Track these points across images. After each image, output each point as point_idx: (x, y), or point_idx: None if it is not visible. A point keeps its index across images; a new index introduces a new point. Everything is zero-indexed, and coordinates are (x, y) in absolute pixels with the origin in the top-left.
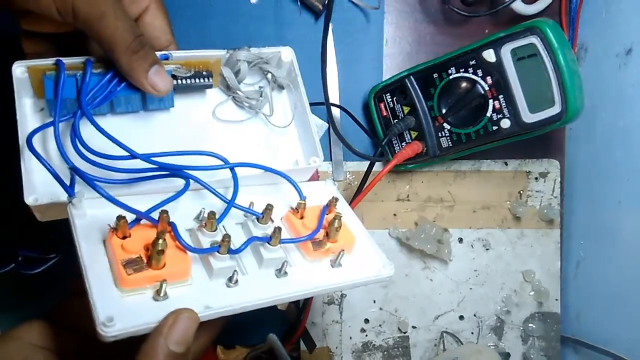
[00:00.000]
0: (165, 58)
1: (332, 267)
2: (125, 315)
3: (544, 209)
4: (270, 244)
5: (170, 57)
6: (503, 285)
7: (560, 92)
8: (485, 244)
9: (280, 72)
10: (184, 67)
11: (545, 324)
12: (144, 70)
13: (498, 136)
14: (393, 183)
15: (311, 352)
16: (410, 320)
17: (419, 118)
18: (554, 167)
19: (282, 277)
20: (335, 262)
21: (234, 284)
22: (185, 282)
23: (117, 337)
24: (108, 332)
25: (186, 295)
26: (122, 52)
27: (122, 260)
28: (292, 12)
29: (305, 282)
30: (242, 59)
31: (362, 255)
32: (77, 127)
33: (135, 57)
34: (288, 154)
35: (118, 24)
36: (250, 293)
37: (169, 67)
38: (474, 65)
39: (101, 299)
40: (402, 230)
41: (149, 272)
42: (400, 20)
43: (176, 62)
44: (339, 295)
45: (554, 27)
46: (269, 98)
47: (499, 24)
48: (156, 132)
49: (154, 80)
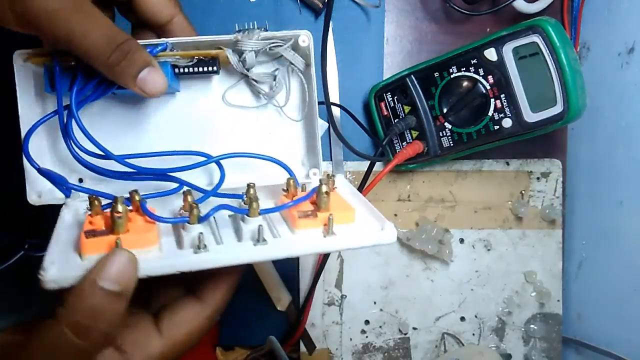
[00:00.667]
0: (163, 49)
1: (324, 237)
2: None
3: (546, 209)
4: (249, 216)
5: (168, 47)
6: (504, 286)
7: (562, 91)
8: (486, 245)
9: (296, 59)
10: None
11: (547, 325)
12: (131, 77)
13: (499, 136)
14: (394, 183)
15: (311, 354)
16: (411, 321)
17: (419, 117)
18: (556, 167)
19: (262, 245)
20: (327, 232)
21: (203, 249)
22: (151, 250)
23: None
24: (46, 276)
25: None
26: (102, 66)
27: (87, 230)
28: (292, 10)
29: (286, 246)
30: (249, 49)
31: (362, 223)
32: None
33: (118, 68)
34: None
35: (91, 39)
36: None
37: (167, 59)
38: (475, 64)
39: (55, 253)
40: (402, 231)
41: (108, 237)
42: (401, 18)
43: (174, 54)
44: (339, 296)
45: (556, 26)
46: (284, 85)
47: (501, 23)
48: (161, 119)
49: (143, 84)
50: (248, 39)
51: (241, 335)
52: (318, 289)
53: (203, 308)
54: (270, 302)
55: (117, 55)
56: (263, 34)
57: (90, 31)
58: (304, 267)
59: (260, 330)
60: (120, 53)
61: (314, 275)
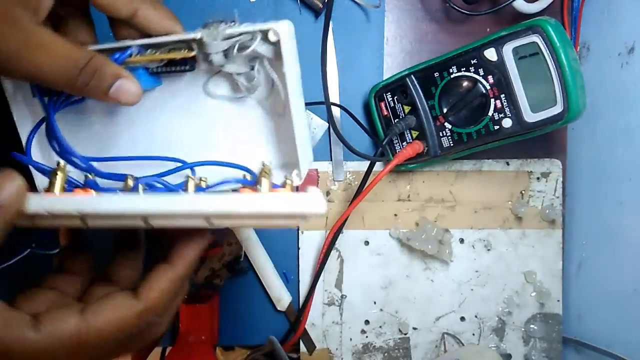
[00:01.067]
0: (129, 54)
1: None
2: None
3: (546, 209)
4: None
5: (134, 53)
6: (504, 286)
7: (562, 91)
8: (486, 245)
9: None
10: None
11: (547, 325)
12: (104, 93)
13: (499, 136)
14: (394, 183)
15: (311, 354)
16: (411, 321)
17: (419, 117)
18: (556, 167)
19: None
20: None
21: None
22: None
23: None
24: None
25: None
26: (72, 90)
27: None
28: (292, 10)
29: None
30: (213, 51)
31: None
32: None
33: (87, 88)
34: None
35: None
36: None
37: (135, 64)
38: (475, 64)
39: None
40: (402, 231)
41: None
42: (401, 18)
43: (140, 59)
44: (339, 296)
45: (556, 26)
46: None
47: (501, 23)
48: (144, 115)
49: (117, 96)
50: (212, 38)
51: (241, 335)
52: (318, 289)
53: (173, 269)
54: (270, 302)
55: (83, 78)
56: (228, 30)
57: (51, 63)
58: (304, 267)
59: (260, 330)
60: (86, 74)
61: (313, 276)
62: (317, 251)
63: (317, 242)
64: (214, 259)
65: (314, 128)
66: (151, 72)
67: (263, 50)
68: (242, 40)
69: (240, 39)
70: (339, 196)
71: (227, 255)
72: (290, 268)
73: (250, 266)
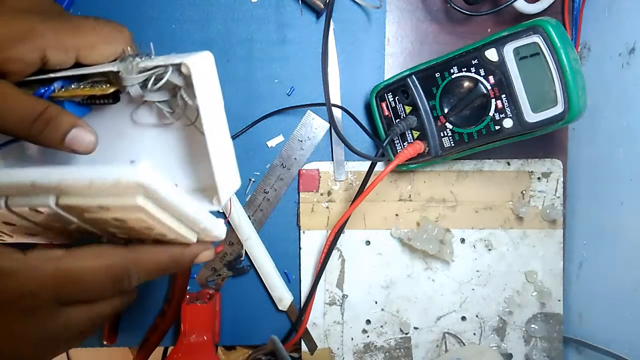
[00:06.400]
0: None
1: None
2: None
3: (547, 209)
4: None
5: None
6: (505, 285)
7: (563, 91)
8: (487, 245)
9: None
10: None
11: (548, 324)
12: (59, 142)
13: (500, 136)
14: (395, 183)
15: (312, 353)
16: (412, 321)
17: (421, 118)
18: (557, 167)
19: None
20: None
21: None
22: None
23: None
24: None
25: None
26: (27, 138)
27: None
28: (293, 11)
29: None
30: (129, 84)
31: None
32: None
33: (41, 137)
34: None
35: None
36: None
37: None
38: (476, 65)
39: None
40: (404, 231)
41: None
42: (402, 19)
43: (63, 95)
44: (340, 296)
45: (557, 26)
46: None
47: (502, 23)
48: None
49: (71, 145)
50: (127, 72)
51: (243, 335)
52: (319, 288)
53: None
54: (272, 302)
55: (37, 126)
56: (142, 64)
57: (6, 113)
58: (306, 266)
59: (262, 329)
60: (40, 123)
61: (315, 275)
62: (319, 251)
63: (318, 241)
64: (215, 259)
65: (315, 129)
66: (78, 103)
67: (178, 81)
68: (157, 72)
69: (156, 72)
70: (340, 196)
71: (228, 255)
72: (291, 268)
73: (252, 266)
